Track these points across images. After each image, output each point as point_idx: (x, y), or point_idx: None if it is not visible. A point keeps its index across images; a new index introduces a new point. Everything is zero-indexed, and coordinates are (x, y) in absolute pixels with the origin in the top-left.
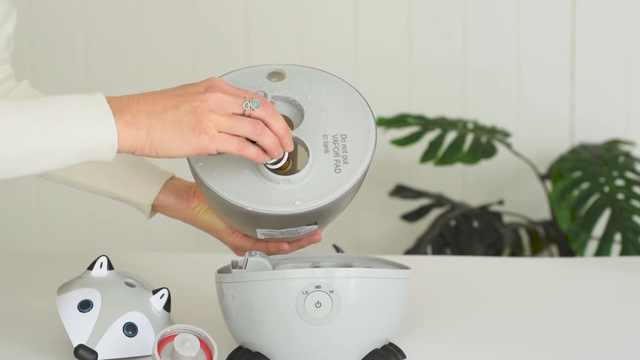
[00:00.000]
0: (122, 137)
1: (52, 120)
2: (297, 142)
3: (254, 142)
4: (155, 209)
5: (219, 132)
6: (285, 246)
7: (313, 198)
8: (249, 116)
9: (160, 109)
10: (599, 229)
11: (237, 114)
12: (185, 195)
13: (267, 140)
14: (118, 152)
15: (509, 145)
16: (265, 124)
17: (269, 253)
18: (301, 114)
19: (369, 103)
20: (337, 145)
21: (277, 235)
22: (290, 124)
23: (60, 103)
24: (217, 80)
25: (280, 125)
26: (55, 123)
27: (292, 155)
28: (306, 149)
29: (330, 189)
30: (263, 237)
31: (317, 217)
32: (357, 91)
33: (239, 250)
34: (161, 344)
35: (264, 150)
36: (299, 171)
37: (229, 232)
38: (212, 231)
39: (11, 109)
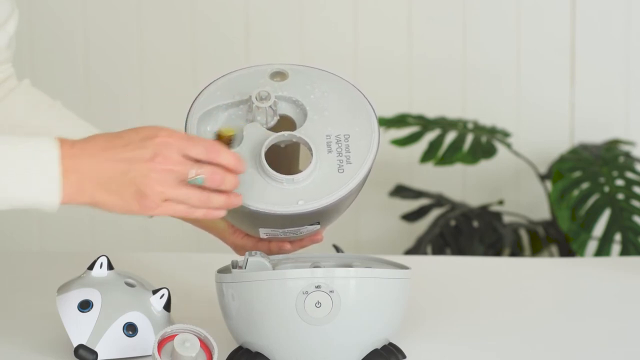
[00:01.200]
0: (65, 199)
1: (1, 172)
2: (300, 142)
3: None
4: None
5: (165, 200)
6: (287, 246)
7: (316, 198)
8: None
9: (106, 178)
10: (599, 229)
11: (184, 182)
12: None
13: (216, 203)
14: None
15: (509, 145)
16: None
17: (270, 253)
18: (304, 114)
19: (372, 103)
20: (340, 145)
21: (280, 234)
22: (293, 124)
23: (11, 154)
24: (165, 140)
25: (229, 184)
26: (2, 175)
27: (295, 155)
28: (309, 149)
29: (334, 188)
30: (265, 237)
31: (320, 217)
32: (360, 91)
33: (241, 250)
34: (161, 344)
35: None
36: (302, 171)
37: (230, 231)
38: (214, 230)
39: None
